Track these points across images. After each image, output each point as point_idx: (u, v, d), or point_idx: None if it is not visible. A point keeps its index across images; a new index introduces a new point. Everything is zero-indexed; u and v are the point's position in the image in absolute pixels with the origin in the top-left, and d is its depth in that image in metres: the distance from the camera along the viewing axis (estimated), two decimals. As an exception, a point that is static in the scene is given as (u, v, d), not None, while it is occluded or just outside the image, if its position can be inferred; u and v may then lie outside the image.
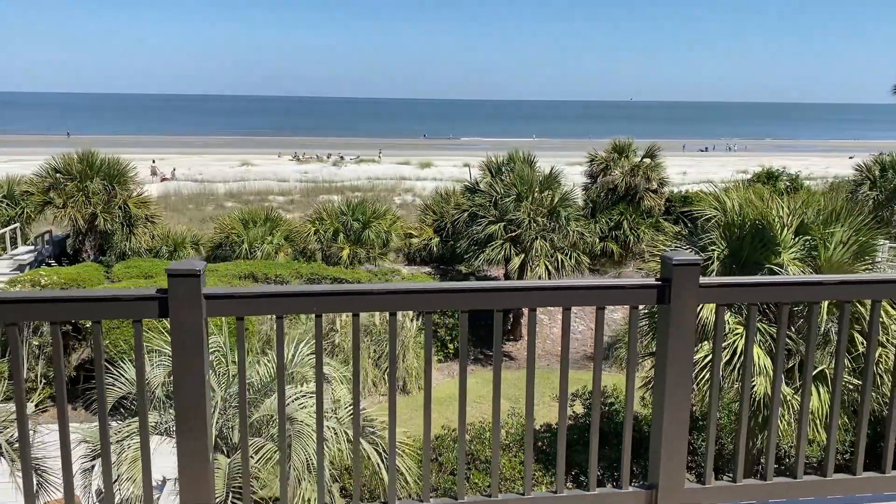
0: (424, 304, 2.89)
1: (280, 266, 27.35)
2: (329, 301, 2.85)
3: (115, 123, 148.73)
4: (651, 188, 33.28)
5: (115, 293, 2.71)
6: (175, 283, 2.67)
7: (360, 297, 2.85)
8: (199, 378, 2.74)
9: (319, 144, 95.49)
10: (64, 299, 2.71)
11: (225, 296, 2.76)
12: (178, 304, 2.68)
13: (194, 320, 2.70)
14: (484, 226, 25.37)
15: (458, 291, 2.90)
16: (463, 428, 3.07)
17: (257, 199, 48.01)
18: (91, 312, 2.72)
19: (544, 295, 2.99)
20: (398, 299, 2.88)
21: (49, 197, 28.03)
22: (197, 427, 2.76)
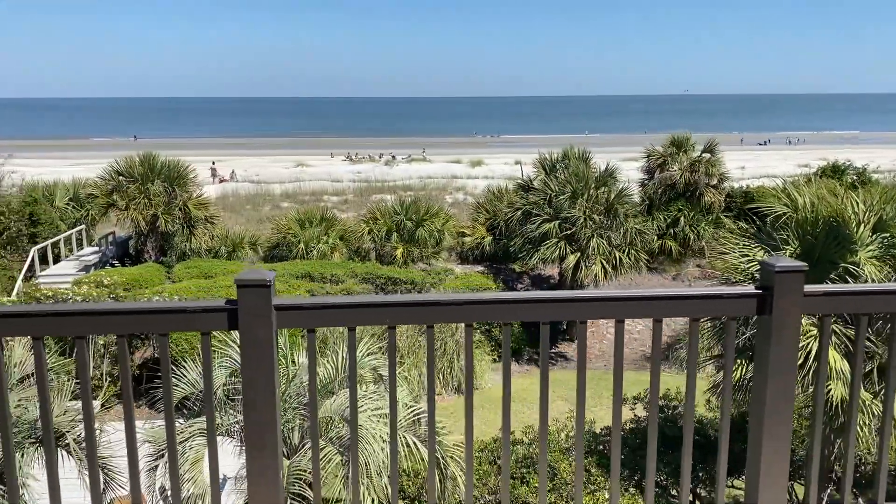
0: (502, 315, 2.73)
1: (335, 266, 27.55)
2: (403, 312, 2.71)
3: (178, 127, 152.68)
4: (711, 184, 32.42)
5: (183, 305, 2.62)
6: (245, 293, 2.57)
7: (434, 308, 2.69)
8: (271, 394, 2.63)
9: (370, 144, 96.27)
10: (131, 311, 2.63)
11: (296, 307, 2.65)
12: (248, 316, 2.57)
13: (265, 333, 2.59)
14: (538, 224, 25.03)
15: (541, 301, 2.73)
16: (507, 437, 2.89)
17: (312, 200, 48.54)
18: (158, 325, 2.64)
19: (632, 305, 2.78)
20: (475, 310, 2.72)
21: (112, 199, 28.78)
22: (269, 444, 2.65)
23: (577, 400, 2.85)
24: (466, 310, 2.71)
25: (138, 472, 2.85)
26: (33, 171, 49.53)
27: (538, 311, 2.73)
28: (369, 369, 10.95)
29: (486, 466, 12.32)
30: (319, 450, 9.56)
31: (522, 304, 2.72)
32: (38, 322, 2.57)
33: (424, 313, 2.70)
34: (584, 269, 24.26)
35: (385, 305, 2.68)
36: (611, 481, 2.97)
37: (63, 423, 10.15)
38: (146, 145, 54.52)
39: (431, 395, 2.88)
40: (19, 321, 2.57)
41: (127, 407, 2.74)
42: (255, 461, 2.68)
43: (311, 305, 2.66)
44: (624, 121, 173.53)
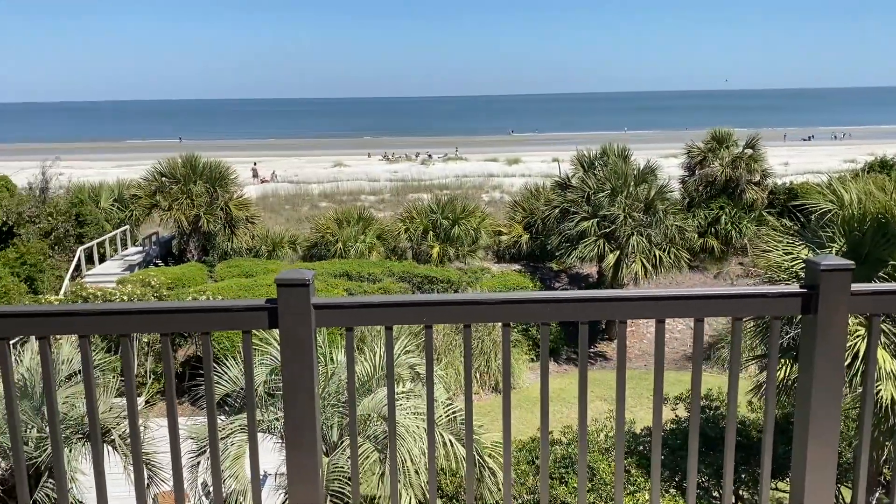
0: (540, 315, 2.70)
1: (373, 265, 27.71)
2: (441, 311, 2.70)
3: (221, 128, 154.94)
4: (753, 180, 31.82)
5: (225, 304, 2.65)
6: (284, 293, 2.59)
7: (471, 308, 2.69)
8: (310, 392, 2.65)
9: (407, 144, 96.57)
10: (175, 310, 2.67)
11: (334, 306, 2.66)
12: (288, 315, 2.59)
13: (304, 331, 2.61)
14: (576, 222, 24.83)
15: (580, 301, 2.70)
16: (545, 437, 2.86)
17: (350, 199, 48.92)
18: (201, 324, 2.68)
19: (673, 304, 2.74)
20: (513, 309, 2.70)
21: (155, 200, 29.38)
22: (308, 442, 2.68)
23: (617, 400, 2.82)
24: (504, 309, 2.69)
25: (181, 469, 2.90)
26: (79, 172, 50.77)
27: (577, 311, 2.70)
28: (406, 367, 10.99)
29: (525, 466, 12.28)
30: (346, 444, 9.60)
31: (561, 304, 2.69)
32: (85, 321, 2.63)
33: (462, 312, 2.70)
34: (623, 268, 23.99)
35: (422, 305, 2.69)
36: (651, 482, 2.93)
37: (108, 420, 10.40)
38: (191, 147, 55.53)
39: (469, 395, 2.87)
40: (67, 320, 2.63)
41: (170, 404, 2.79)
42: (294, 459, 2.71)
43: (350, 304, 2.68)
44: (663, 117, 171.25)
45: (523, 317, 2.74)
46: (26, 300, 23.02)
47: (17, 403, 2.77)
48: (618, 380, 2.79)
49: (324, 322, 2.66)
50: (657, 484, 2.97)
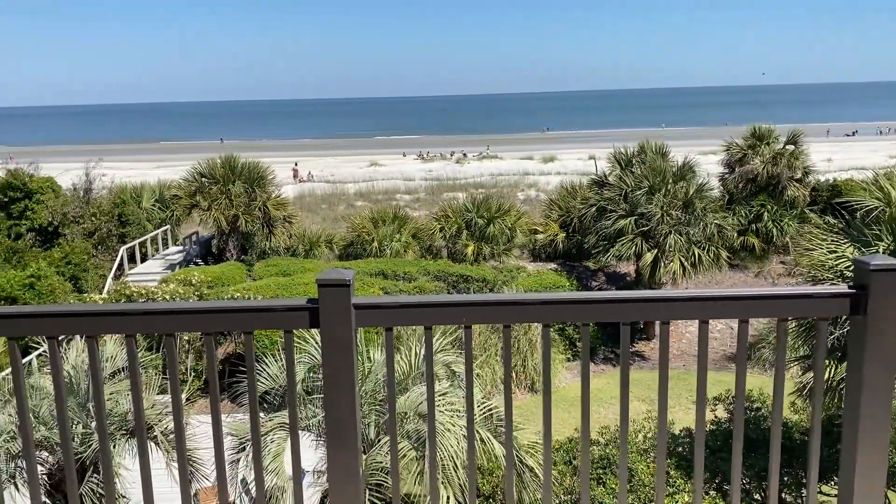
0: (581, 315, 2.68)
1: (408, 264, 27.81)
2: (480, 311, 2.70)
3: (259, 129, 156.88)
4: (795, 177, 31.18)
5: (267, 304, 2.69)
6: (325, 293, 2.61)
7: (511, 308, 2.68)
8: (351, 391, 2.67)
9: (442, 143, 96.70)
10: (218, 310, 2.72)
11: (374, 306, 2.68)
12: (328, 314, 2.62)
13: (345, 331, 2.63)
14: (613, 220, 24.59)
15: (621, 301, 2.67)
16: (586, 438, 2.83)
17: (385, 198, 49.16)
18: (244, 323, 2.72)
19: (717, 305, 2.69)
20: (553, 310, 2.69)
21: (195, 200, 29.86)
22: (349, 441, 2.70)
23: (660, 401, 2.79)
24: (544, 309, 2.68)
25: (224, 465, 2.94)
26: (121, 173, 51.87)
27: (619, 312, 2.68)
28: (442, 365, 11.01)
29: (562, 466, 12.21)
30: (382, 442, 9.61)
31: (602, 305, 2.67)
32: (131, 320, 2.68)
33: (501, 313, 2.69)
34: (661, 267, 23.69)
35: (461, 305, 2.69)
36: (694, 483, 2.89)
37: (151, 416, 10.61)
38: (232, 147, 56.36)
39: (508, 396, 2.86)
40: (113, 319, 2.69)
41: (214, 401, 2.83)
42: (336, 458, 2.73)
43: (389, 305, 2.69)
44: (701, 113, 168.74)
45: (564, 317, 2.72)
46: (71, 299, 23.60)
47: (66, 400, 2.84)
48: (660, 381, 2.76)
49: (364, 322, 2.68)
50: (700, 485, 2.93)
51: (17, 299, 22.86)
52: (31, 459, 2.83)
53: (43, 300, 23.09)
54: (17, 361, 2.68)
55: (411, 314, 2.71)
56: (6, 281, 23.16)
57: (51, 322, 2.66)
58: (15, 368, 2.70)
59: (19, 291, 22.83)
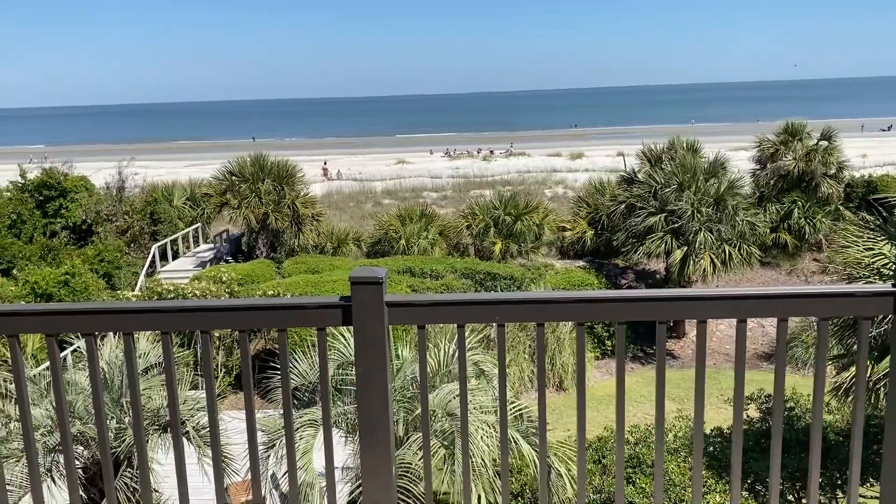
0: (616, 314, 2.65)
1: (436, 261, 27.83)
2: (513, 310, 2.68)
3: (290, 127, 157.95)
4: (828, 173, 30.63)
5: (300, 301, 2.70)
6: (358, 290, 2.61)
7: (546, 306, 2.66)
8: (383, 389, 2.67)
9: (469, 140, 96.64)
10: (251, 307, 2.73)
11: (407, 304, 2.67)
12: (361, 312, 2.62)
13: (377, 329, 2.63)
14: (643, 217, 24.37)
15: (657, 300, 2.64)
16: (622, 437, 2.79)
17: (412, 196, 49.24)
18: (277, 321, 2.73)
19: (756, 303, 2.65)
20: (588, 309, 2.66)
21: (225, 198, 30.19)
22: (381, 439, 2.70)
23: (696, 401, 2.75)
24: (578, 308, 2.66)
25: (258, 459, 2.96)
26: (153, 172, 52.62)
27: (655, 311, 2.64)
28: (470, 364, 10.99)
29: (590, 465, 12.13)
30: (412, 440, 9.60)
31: (639, 303, 2.64)
32: (166, 318, 2.71)
33: (535, 311, 2.67)
34: (691, 264, 23.42)
35: (495, 303, 2.67)
36: (731, 484, 2.85)
37: (183, 412, 10.74)
38: (263, 146, 56.81)
39: (542, 396, 2.84)
40: (149, 317, 2.72)
41: (248, 397, 2.85)
42: (368, 456, 2.73)
43: (422, 303, 2.68)
44: (731, 109, 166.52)
45: (599, 316, 2.69)
46: (104, 296, 23.99)
47: (103, 395, 2.88)
48: (696, 380, 2.71)
49: (396, 320, 2.68)
50: (738, 486, 2.88)
51: (52, 296, 23.30)
52: (70, 454, 2.87)
53: (77, 297, 23.50)
54: (55, 357, 2.72)
55: (444, 312, 2.71)
56: (42, 278, 23.62)
57: (89, 319, 2.70)
58: (54, 365, 2.74)
59: (54, 288, 23.27)
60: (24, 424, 2.78)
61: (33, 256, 27.84)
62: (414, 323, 2.73)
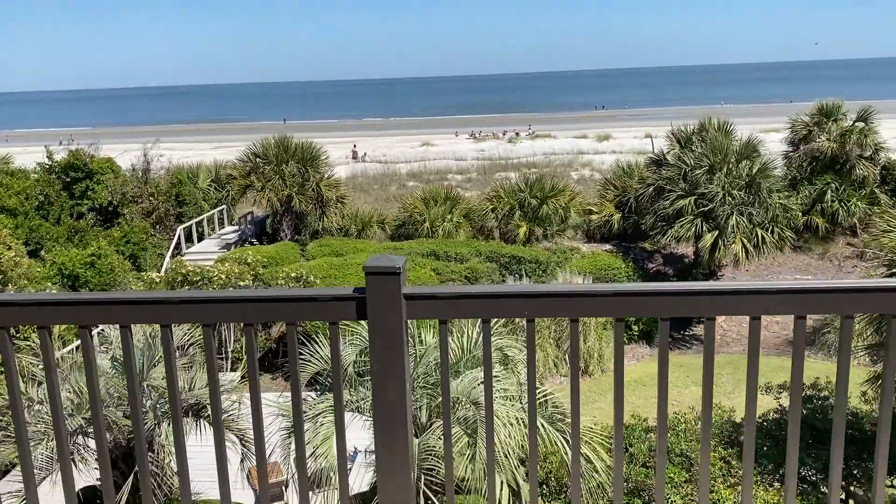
0: (658, 309, 2.39)
1: (460, 244, 27.59)
2: (545, 304, 2.44)
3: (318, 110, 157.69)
4: (864, 155, 29.78)
5: (311, 293, 2.47)
6: (373, 281, 2.38)
7: (581, 300, 2.40)
8: (401, 386, 2.44)
9: (494, 122, 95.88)
10: (259, 299, 2.51)
11: (427, 296, 2.43)
12: (377, 305, 2.39)
13: (395, 323, 2.40)
14: (672, 200, 23.84)
15: (705, 294, 2.36)
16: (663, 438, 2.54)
17: (437, 178, 48.92)
18: (286, 314, 2.51)
19: (816, 299, 2.37)
20: (627, 303, 2.40)
21: (249, 180, 30.12)
22: (399, 438, 2.47)
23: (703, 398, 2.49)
24: (617, 302, 2.40)
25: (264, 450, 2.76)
26: (179, 154, 52.80)
27: (701, 306, 2.37)
28: (494, 349, 10.76)
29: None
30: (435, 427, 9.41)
31: (683, 297, 2.37)
32: (167, 309, 2.50)
33: (568, 305, 2.42)
34: (722, 249, 22.90)
35: (524, 296, 2.42)
36: (743, 479, 2.59)
37: (204, 396, 10.66)
38: (293, 128, 56.64)
39: (576, 395, 2.59)
40: (148, 308, 2.51)
41: (254, 392, 2.65)
42: (385, 454, 2.51)
43: (444, 295, 2.44)
44: (761, 89, 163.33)
45: (639, 311, 2.43)
46: (130, 277, 24.10)
47: (137, 382, 2.70)
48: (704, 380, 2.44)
49: (416, 314, 2.44)
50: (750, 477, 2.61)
51: (78, 277, 23.47)
52: (102, 439, 2.69)
53: (103, 278, 23.64)
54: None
55: (468, 306, 2.46)
56: (69, 259, 23.78)
57: (82, 311, 2.49)
58: (86, 357, 2.56)
59: (81, 269, 23.43)
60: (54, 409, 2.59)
61: (60, 238, 28.06)
62: (435, 317, 2.49)
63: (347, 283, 22.49)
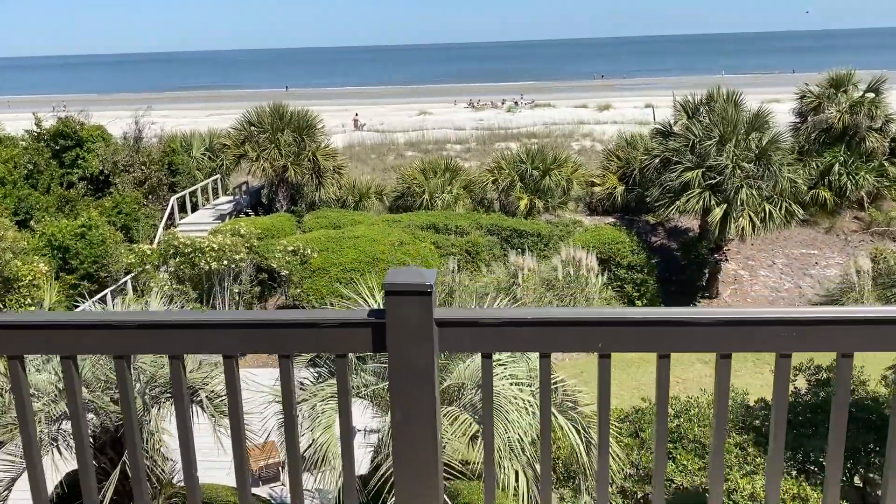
0: (781, 343, 1.79)
1: (460, 217, 26.97)
2: (625, 334, 1.81)
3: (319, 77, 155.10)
4: (874, 127, 29.06)
5: (311, 317, 1.86)
6: (396, 303, 1.78)
7: (674, 329, 1.80)
8: (431, 445, 1.85)
9: (491, 90, 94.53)
10: (241, 324, 1.90)
11: (467, 322, 1.83)
12: (400, 335, 1.79)
13: (423, 358, 1.80)
14: (679, 172, 23.16)
15: (837, 322, 1.76)
16: None
17: (435, 148, 48.05)
18: (278, 343, 1.90)
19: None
20: (738, 334, 1.80)
21: (244, 150, 29.29)
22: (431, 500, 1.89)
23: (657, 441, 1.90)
24: (723, 333, 1.80)
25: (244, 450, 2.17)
26: (173, 122, 51.73)
27: (841, 338, 1.78)
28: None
29: (628, 440, 11.39)
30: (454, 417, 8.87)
31: (815, 328, 1.77)
32: (119, 337, 1.89)
33: (657, 337, 1.82)
34: (731, 223, 22.29)
35: (597, 324, 1.82)
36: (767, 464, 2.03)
37: (196, 379, 10.14)
38: (295, 95, 55.28)
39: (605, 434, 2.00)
40: (96, 335, 1.90)
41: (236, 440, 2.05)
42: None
43: (490, 321, 1.84)
44: (761, 59, 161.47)
45: (751, 344, 1.84)
46: (122, 249, 23.45)
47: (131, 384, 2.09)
48: (658, 422, 1.85)
49: (451, 344, 1.84)
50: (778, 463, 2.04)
51: (69, 248, 22.82)
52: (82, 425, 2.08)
53: (94, 250, 22.99)
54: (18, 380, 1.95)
55: (521, 335, 1.86)
56: (59, 230, 23.11)
57: (10, 336, 1.89)
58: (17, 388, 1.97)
59: (71, 241, 22.78)
60: None
61: (50, 208, 27.35)
62: (477, 350, 1.89)
63: (345, 258, 21.90)
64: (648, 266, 24.38)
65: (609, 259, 24.06)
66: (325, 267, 21.73)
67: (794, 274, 26.30)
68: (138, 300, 19.64)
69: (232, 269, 21.87)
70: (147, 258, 22.20)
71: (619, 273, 24.09)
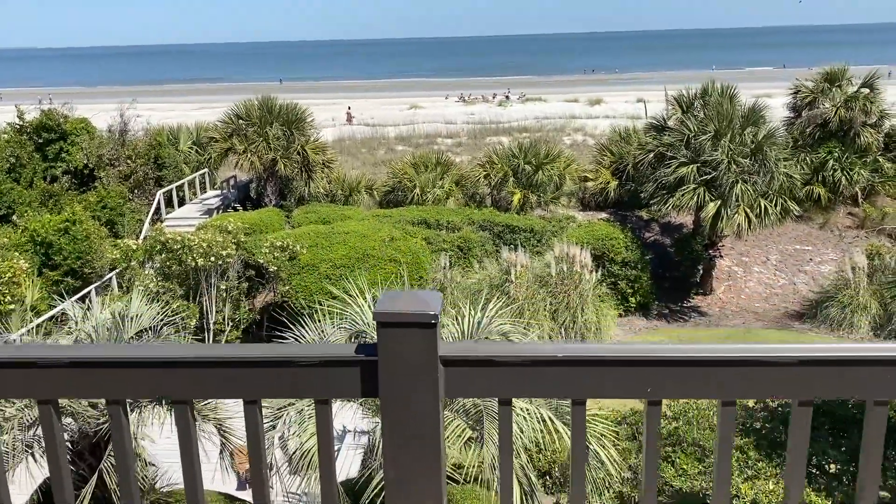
0: (878, 388, 1.44)
1: (452, 212, 26.59)
2: (680, 375, 1.46)
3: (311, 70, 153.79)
4: (869, 122, 28.87)
5: (285, 354, 1.48)
6: (390, 337, 1.40)
7: (743, 371, 1.44)
8: (437, 499, 1.48)
9: (481, 85, 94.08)
10: (198, 362, 1.51)
11: (480, 361, 1.46)
12: (395, 375, 1.41)
13: (426, 404, 1.43)
14: (673, 168, 22.84)
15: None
16: None
17: (426, 143, 47.61)
18: (246, 387, 1.51)
19: None
20: (822, 376, 1.44)
21: (231, 143, 28.78)
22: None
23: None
24: (805, 375, 1.43)
25: None
26: (160, 115, 51.04)
27: None
28: (497, 335, 9.86)
29: (625, 443, 11.07)
30: (448, 422, 8.50)
31: None
32: (48, 376, 1.50)
33: (722, 379, 1.45)
34: (725, 219, 22.00)
35: (643, 363, 1.44)
36: None
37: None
38: (287, 89, 54.57)
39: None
40: (21, 374, 1.51)
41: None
42: None
43: (508, 359, 1.46)
44: (751, 54, 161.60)
45: (834, 388, 1.47)
46: (107, 244, 22.96)
47: None
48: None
49: (459, 389, 1.46)
50: None
51: (52, 244, 22.30)
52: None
53: (78, 245, 22.48)
54: None
55: (547, 377, 1.49)
56: (41, 225, 22.58)
57: None
58: None
59: (54, 236, 22.25)
60: None
61: (33, 202, 26.77)
62: (493, 396, 1.52)
63: (334, 254, 21.46)
64: (642, 262, 24.10)
65: (603, 255, 23.76)
66: (314, 263, 21.30)
67: (788, 270, 26.08)
68: (122, 297, 19.19)
69: (219, 265, 21.42)
70: (133, 254, 21.71)
71: (613, 269, 23.79)
